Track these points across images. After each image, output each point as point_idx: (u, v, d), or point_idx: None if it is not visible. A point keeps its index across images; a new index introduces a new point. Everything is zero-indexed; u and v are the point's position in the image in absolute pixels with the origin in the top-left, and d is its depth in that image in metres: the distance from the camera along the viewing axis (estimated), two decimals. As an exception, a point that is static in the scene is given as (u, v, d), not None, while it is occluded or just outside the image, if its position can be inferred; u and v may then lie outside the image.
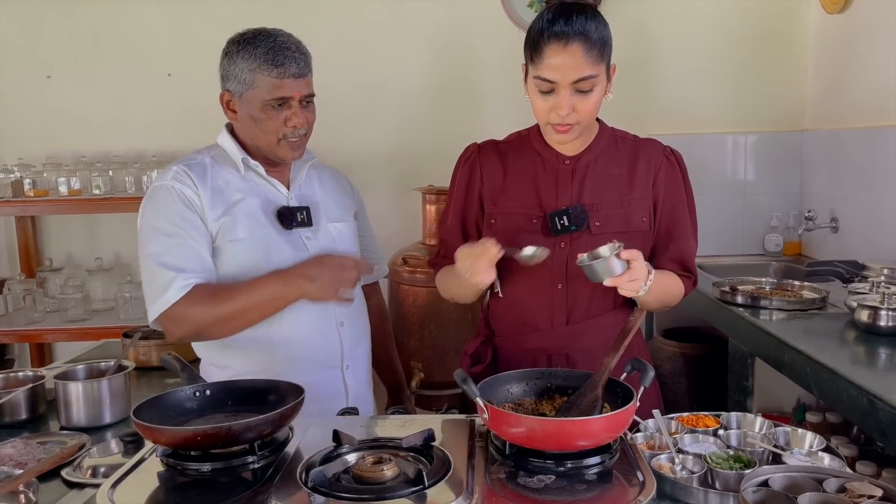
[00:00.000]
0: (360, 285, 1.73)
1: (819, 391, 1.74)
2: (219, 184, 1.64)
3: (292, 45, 1.61)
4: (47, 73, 3.27)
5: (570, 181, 1.56)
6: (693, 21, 3.20)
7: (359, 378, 1.75)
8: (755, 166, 3.25)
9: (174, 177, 1.61)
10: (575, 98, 1.43)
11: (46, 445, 1.50)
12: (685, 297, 1.64)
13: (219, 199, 1.62)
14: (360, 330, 1.78)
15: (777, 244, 3.20)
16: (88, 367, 1.73)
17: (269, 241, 1.63)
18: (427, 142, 3.24)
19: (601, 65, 1.44)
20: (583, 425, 1.12)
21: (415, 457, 1.18)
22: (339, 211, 1.78)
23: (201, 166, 1.65)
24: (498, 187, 1.60)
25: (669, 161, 1.60)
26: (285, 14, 3.14)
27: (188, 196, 1.59)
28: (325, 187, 1.80)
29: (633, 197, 1.57)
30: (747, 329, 2.15)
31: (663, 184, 1.58)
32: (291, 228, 1.66)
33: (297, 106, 1.61)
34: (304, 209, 1.67)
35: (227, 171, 1.67)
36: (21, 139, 3.27)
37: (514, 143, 1.64)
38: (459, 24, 3.21)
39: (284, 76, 1.57)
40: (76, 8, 3.22)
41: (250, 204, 1.64)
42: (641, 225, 1.57)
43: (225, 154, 1.69)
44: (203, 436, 1.13)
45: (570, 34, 1.39)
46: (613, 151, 1.59)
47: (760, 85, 3.22)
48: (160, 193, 1.60)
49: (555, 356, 1.58)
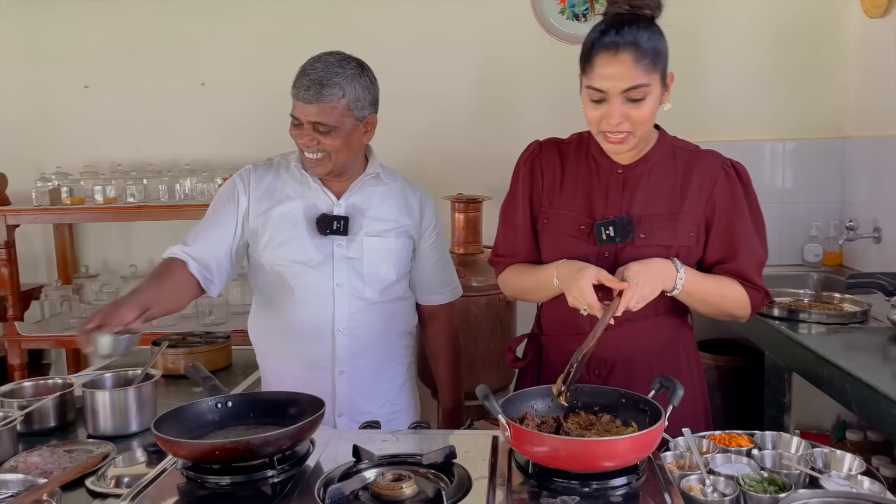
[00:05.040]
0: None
1: (859, 409, 1.67)
2: (277, 184, 1.80)
3: (314, 73, 1.66)
4: (85, 83, 3.33)
5: (622, 191, 1.54)
6: (731, 26, 3.13)
7: (357, 387, 1.79)
8: (794, 174, 3.16)
9: (241, 172, 1.84)
10: (626, 107, 1.41)
11: (73, 454, 1.51)
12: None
13: (266, 199, 1.79)
14: (367, 341, 1.80)
15: (817, 254, 3.11)
16: (116, 375, 1.75)
17: (295, 241, 1.76)
18: (457, 149, 3.22)
19: (653, 74, 1.41)
20: (608, 445, 1.09)
21: (435, 474, 1.15)
22: (383, 227, 1.81)
23: (268, 166, 1.85)
24: (555, 186, 1.60)
25: (728, 174, 1.55)
26: (316, 24, 3.17)
27: (238, 192, 1.80)
28: (383, 202, 1.83)
29: (683, 210, 1.52)
30: (784, 343, 2.09)
31: (719, 198, 1.53)
32: (326, 234, 1.75)
33: (308, 128, 1.68)
34: (343, 219, 1.76)
35: (290, 175, 1.81)
36: (60, 148, 3.34)
37: (574, 145, 1.62)
38: (491, 31, 3.19)
39: (297, 98, 1.68)
40: (114, 20, 3.28)
41: (292, 206, 1.78)
42: (688, 240, 1.52)
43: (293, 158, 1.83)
44: (221, 450, 1.12)
45: (620, 44, 1.39)
46: (669, 162, 1.55)
47: (800, 91, 3.13)
48: (226, 183, 1.86)
49: (594, 360, 1.54)
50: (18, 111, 3.35)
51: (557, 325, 1.62)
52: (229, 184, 1.84)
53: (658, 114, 1.49)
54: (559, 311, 1.57)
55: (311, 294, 1.76)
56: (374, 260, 1.79)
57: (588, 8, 3.16)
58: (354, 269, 1.77)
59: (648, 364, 1.54)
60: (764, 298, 1.58)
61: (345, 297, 1.77)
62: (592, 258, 1.51)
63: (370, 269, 1.78)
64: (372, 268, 1.78)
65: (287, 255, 1.76)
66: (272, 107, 3.30)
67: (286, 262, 1.76)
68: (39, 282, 3.42)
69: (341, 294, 1.77)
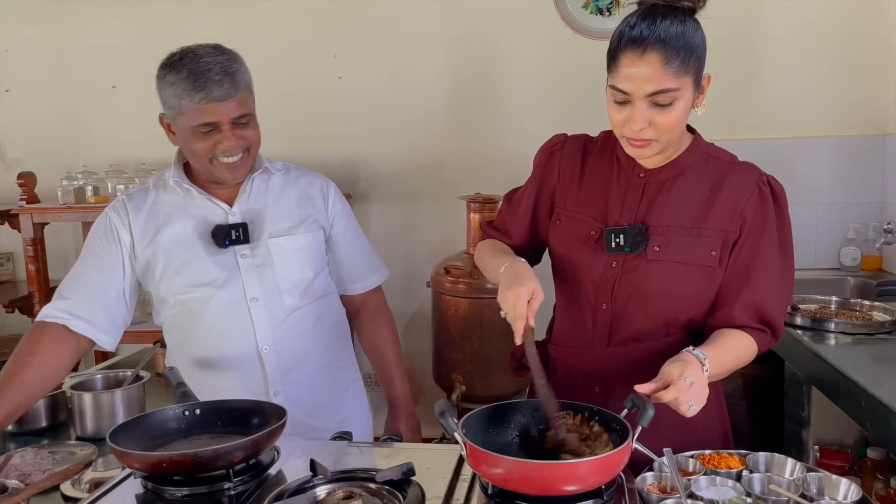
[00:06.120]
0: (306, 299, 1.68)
1: (873, 427, 1.57)
2: (158, 207, 1.65)
3: (215, 67, 1.52)
4: (112, 84, 3.39)
5: (640, 197, 1.40)
6: (767, 22, 2.99)
7: (297, 404, 1.55)
8: (831, 173, 3.00)
9: (113, 204, 1.67)
10: (652, 112, 1.27)
11: (56, 455, 1.51)
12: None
13: (151, 225, 1.63)
14: (297, 353, 1.67)
15: (854, 258, 2.95)
16: (106, 377, 1.76)
17: (193, 263, 1.61)
18: (474, 149, 3.17)
19: (685, 77, 1.26)
20: (564, 469, 1.02)
21: (390, 491, 1.11)
22: (287, 224, 1.68)
23: (143, 192, 1.68)
24: (572, 187, 1.48)
25: (762, 192, 1.37)
26: (335, 24, 3.16)
27: (115, 226, 1.63)
28: (280, 198, 1.70)
29: (707, 226, 1.36)
30: (803, 354, 1.98)
31: (750, 217, 1.36)
32: (226, 246, 1.61)
33: (228, 128, 1.54)
34: (241, 225, 1.61)
35: (170, 194, 1.66)
36: (87, 147, 3.41)
37: (600, 142, 1.50)
38: (511, 26, 3.12)
39: (208, 100, 1.50)
40: (140, 22, 3.33)
41: (181, 226, 1.63)
42: (708, 259, 1.35)
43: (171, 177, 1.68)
44: (169, 462, 1.10)
45: (649, 41, 1.23)
46: (699, 171, 1.40)
47: (839, 87, 2.98)
48: (99, 220, 1.67)
49: (593, 377, 1.45)
50: (48, 111, 3.43)
51: (564, 336, 1.51)
52: (102, 220, 1.64)
53: (697, 113, 1.37)
54: (568, 322, 1.50)
55: (224, 317, 1.61)
56: (286, 261, 1.65)
57: (613, 2, 3.06)
58: (266, 277, 1.63)
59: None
60: (771, 340, 1.39)
61: (262, 310, 1.62)
62: (599, 267, 1.40)
63: (283, 273, 1.64)
64: (285, 271, 1.64)
65: (187, 281, 1.60)
66: (292, 105, 3.34)
67: (187, 289, 1.61)
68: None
69: (258, 309, 1.62)
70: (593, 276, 1.40)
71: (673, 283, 1.36)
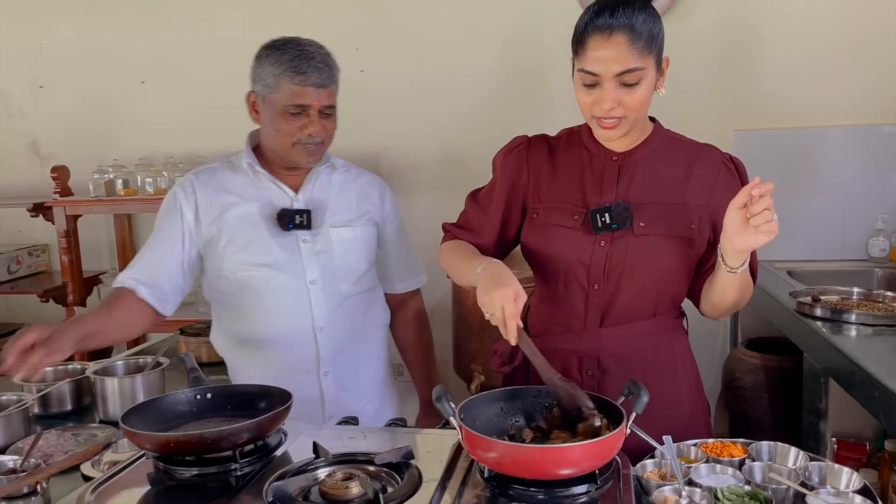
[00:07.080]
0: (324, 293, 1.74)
1: (887, 421, 1.55)
2: (225, 187, 1.73)
3: (318, 56, 1.64)
4: (142, 79, 3.47)
5: (617, 178, 1.48)
6: (788, 7, 2.94)
7: (344, 386, 1.74)
8: (858, 162, 2.93)
9: (181, 183, 1.76)
10: (620, 92, 1.37)
11: (79, 437, 1.58)
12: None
13: (216, 204, 1.72)
14: (348, 337, 1.75)
15: (883, 249, 2.89)
16: (126, 363, 1.82)
17: (257, 242, 1.69)
18: (496, 142, 3.15)
19: (648, 58, 1.37)
20: (555, 453, 1.04)
21: (388, 473, 1.14)
22: (347, 216, 1.77)
23: (211, 172, 1.77)
24: (543, 181, 1.55)
25: (728, 169, 1.50)
26: (357, 15, 3.18)
27: (180, 204, 1.72)
28: (342, 192, 1.79)
29: (686, 201, 1.47)
30: (820, 344, 1.95)
31: (722, 194, 1.45)
32: (289, 230, 1.69)
33: (315, 115, 1.65)
34: (306, 212, 1.70)
35: (238, 175, 1.76)
36: (118, 141, 3.48)
37: (564, 139, 1.58)
38: (530, 17, 3.11)
39: (306, 84, 1.62)
40: (169, 17, 3.39)
41: (248, 208, 1.71)
42: (689, 231, 1.46)
43: (241, 158, 1.76)
44: (175, 442, 1.15)
45: (615, 26, 1.34)
46: (668, 152, 1.51)
47: (863, 74, 2.90)
48: (167, 196, 1.78)
49: (586, 359, 1.49)
50: (81, 106, 3.51)
51: (541, 322, 1.55)
52: (170, 197, 1.76)
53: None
54: (541, 306, 1.54)
55: (285, 297, 1.70)
56: (344, 251, 1.74)
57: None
58: (325, 263, 1.72)
59: (643, 366, 1.47)
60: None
61: (321, 293, 1.71)
62: (587, 248, 1.45)
63: (342, 262, 1.74)
64: (343, 260, 1.74)
65: (250, 259, 1.68)
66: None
67: (250, 267, 1.69)
68: (103, 269, 3.59)
69: (316, 291, 1.71)
70: (583, 259, 1.46)
71: (661, 256, 1.45)
